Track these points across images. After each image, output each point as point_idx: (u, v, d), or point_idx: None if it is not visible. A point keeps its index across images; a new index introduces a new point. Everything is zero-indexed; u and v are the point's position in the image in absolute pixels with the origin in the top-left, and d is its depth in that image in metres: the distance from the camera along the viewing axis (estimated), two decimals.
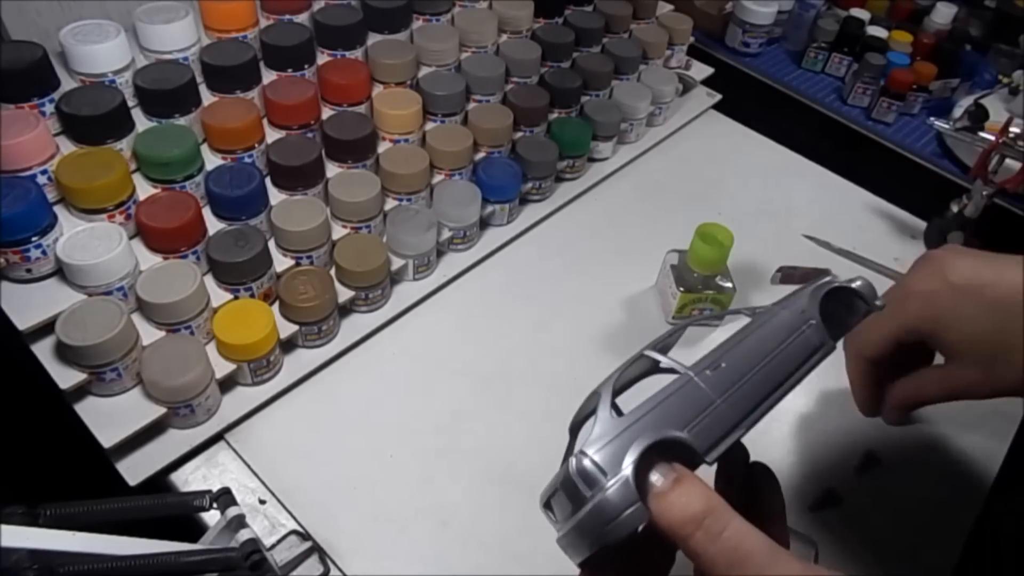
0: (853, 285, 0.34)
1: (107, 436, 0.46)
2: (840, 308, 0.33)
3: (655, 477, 0.28)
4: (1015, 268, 0.42)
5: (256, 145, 0.58)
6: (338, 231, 0.59)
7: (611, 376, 0.32)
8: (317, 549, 0.45)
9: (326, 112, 0.63)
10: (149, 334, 0.50)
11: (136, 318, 0.50)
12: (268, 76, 0.62)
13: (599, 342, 0.61)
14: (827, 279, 0.34)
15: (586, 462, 0.28)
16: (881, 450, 0.55)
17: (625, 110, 0.76)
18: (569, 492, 0.28)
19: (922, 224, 0.75)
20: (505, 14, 0.73)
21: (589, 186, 0.74)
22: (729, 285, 0.60)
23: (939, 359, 0.47)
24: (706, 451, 0.29)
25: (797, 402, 0.59)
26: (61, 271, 0.49)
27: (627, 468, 0.27)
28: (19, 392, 0.54)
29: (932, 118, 0.79)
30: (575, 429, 0.33)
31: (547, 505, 0.30)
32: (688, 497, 0.28)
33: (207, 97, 0.59)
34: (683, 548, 0.28)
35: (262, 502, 0.48)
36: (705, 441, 0.29)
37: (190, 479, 0.49)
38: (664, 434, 0.28)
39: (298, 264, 0.57)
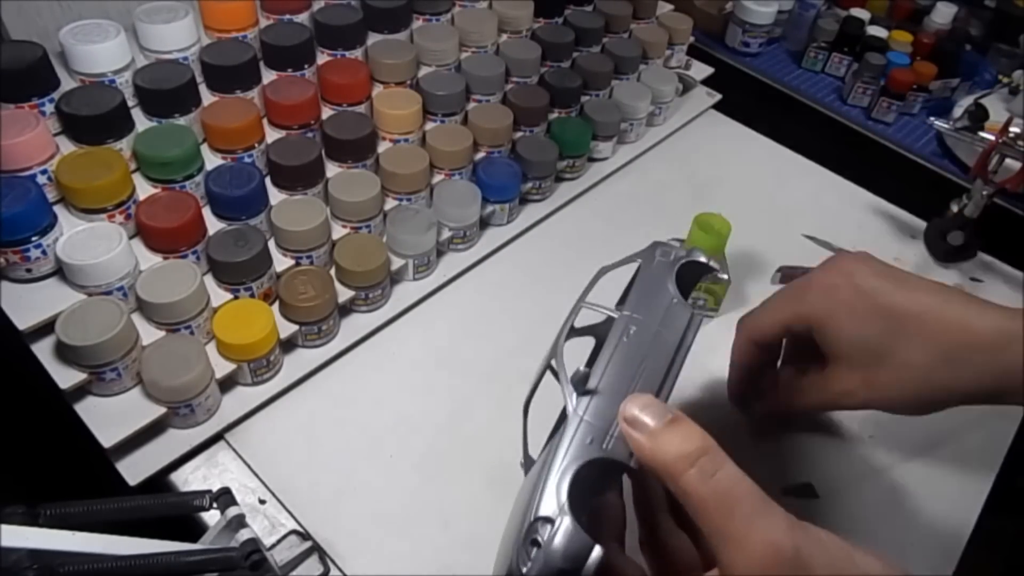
0: (700, 259, 0.36)
1: (107, 436, 0.46)
2: (691, 279, 0.35)
3: (647, 417, 0.27)
4: (916, 284, 0.43)
5: (256, 145, 0.58)
6: (338, 231, 0.59)
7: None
8: (317, 549, 0.45)
9: (326, 112, 0.63)
10: (149, 334, 0.50)
11: (136, 318, 0.50)
12: (268, 76, 0.62)
13: None
14: (675, 257, 0.35)
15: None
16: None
17: (625, 110, 0.76)
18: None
19: (922, 224, 0.75)
20: (505, 14, 0.73)
21: (589, 186, 0.74)
22: (724, 277, 0.60)
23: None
24: (630, 457, 0.29)
25: None
26: (61, 271, 0.49)
27: (562, 514, 0.27)
28: (19, 392, 0.54)
29: (932, 118, 0.79)
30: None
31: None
32: (684, 435, 0.27)
33: (207, 97, 0.59)
34: (673, 487, 0.27)
35: (262, 502, 0.48)
36: (625, 449, 0.29)
37: (190, 479, 0.49)
38: (582, 461, 0.28)
39: (298, 264, 0.57)
